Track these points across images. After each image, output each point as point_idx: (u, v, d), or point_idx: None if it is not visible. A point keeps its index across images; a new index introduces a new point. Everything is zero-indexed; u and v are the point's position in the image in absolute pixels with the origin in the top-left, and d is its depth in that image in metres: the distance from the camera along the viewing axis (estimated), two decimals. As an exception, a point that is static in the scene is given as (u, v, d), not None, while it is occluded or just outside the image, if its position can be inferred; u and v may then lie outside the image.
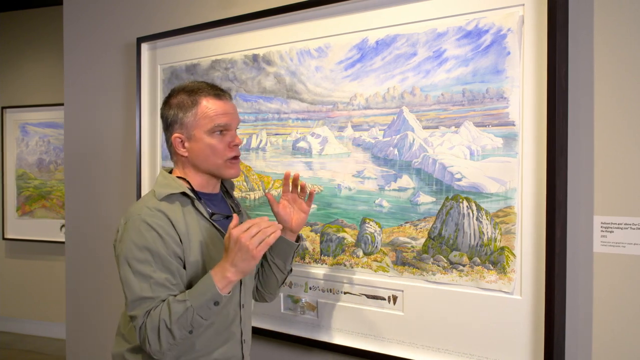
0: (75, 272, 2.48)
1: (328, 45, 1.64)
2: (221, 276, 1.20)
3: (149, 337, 1.21)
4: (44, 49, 4.59)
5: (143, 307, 1.22)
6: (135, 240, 1.25)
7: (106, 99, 2.35)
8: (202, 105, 1.31)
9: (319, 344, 1.66)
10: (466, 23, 1.39)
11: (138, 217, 1.26)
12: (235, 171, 1.36)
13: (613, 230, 1.25)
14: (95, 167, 2.39)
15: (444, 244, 1.43)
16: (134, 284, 1.23)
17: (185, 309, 1.19)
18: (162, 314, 1.20)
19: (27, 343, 4.54)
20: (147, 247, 1.24)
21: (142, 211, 1.27)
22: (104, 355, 2.40)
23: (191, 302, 1.19)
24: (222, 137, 1.32)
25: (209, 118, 1.30)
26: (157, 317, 1.20)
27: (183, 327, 1.20)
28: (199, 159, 1.33)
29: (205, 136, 1.31)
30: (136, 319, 1.23)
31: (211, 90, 1.33)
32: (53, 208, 4.60)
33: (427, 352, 1.47)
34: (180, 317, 1.19)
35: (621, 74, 1.24)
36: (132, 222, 1.27)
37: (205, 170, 1.34)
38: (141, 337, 1.23)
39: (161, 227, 1.25)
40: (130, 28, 2.25)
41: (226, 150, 1.32)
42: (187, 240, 1.28)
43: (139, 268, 1.23)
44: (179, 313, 1.19)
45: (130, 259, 1.24)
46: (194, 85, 1.35)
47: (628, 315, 1.24)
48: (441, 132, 1.44)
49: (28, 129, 4.67)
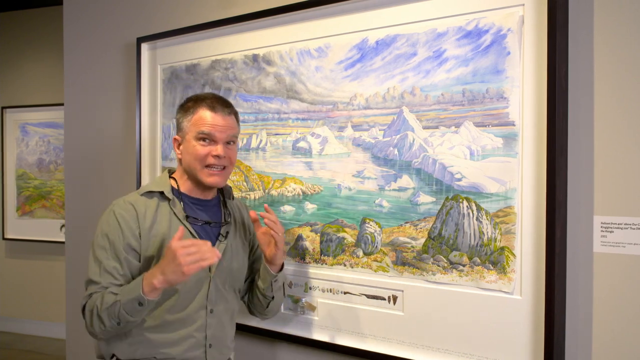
0: (75, 272, 2.48)
1: (328, 45, 1.64)
2: (149, 281, 1.26)
3: (86, 317, 1.33)
4: (44, 49, 4.59)
5: (89, 290, 1.34)
6: (102, 226, 1.38)
7: (106, 99, 2.35)
8: (199, 113, 1.41)
9: (319, 344, 1.66)
10: (466, 23, 1.39)
11: (112, 207, 1.40)
12: (213, 180, 1.40)
13: (613, 230, 1.25)
14: (95, 167, 2.39)
15: (444, 244, 1.43)
16: (90, 266, 1.36)
17: (113, 302, 1.28)
18: (97, 301, 1.30)
19: (27, 343, 4.54)
20: (107, 234, 1.36)
21: (118, 202, 1.41)
22: (104, 355, 2.40)
23: (120, 297, 1.28)
24: (205, 145, 1.39)
25: (197, 125, 1.40)
26: (93, 302, 1.31)
27: (111, 317, 1.28)
28: (186, 162, 1.42)
29: (193, 141, 1.40)
30: (82, 299, 1.35)
31: (212, 103, 1.41)
32: (53, 208, 4.60)
33: (427, 352, 1.47)
34: (108, 307, 1.28)
35: (621, 74, 1.24)
36: (107, 211, 1.41)
37: (191, 173, 1.43)
38: (83, 318, 1.35)
39: (123, 219, 1.36)
40: (130, 28, 2.25)
41: (205, 157, 1.39)
42: (148, 236, 1.37)
43: (97, 253, 1.36)
44: (108, 303, 1.28)
45: (94, 243, 1.37)
46: (204, 95, 1.45)
47: (628, 315, 1.24)
48: (441, 132, 1.44)
49: (28, 129, 4.67)
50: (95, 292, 1.32)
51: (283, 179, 1.77)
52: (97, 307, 1.29)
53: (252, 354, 1.84)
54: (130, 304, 1.26)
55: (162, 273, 1.24)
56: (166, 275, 1.24)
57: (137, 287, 1.27)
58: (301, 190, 1.72)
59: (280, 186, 1.77)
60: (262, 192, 1.82)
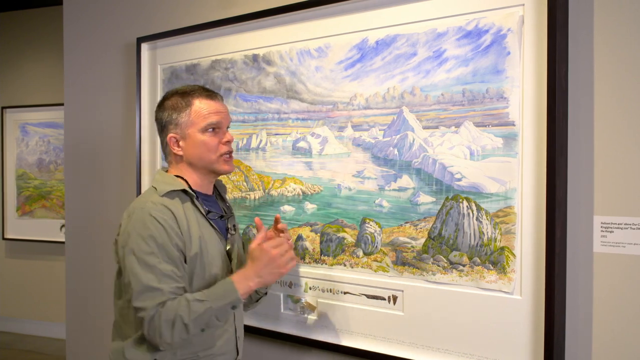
0: (75, 272, 2.48)
1: (328, 45, 1.64)
2: (244, 284, 1.28)
3: (162, 329, 1.23)
4: (44, 49, 4.59)
5: (153, 299, 1.24)
6: (141, 232, 1.28)
7: (106, 99, 2.35)
8: (196, 105, 1.37)
9: (319, 344, 1.66)
10: (466, 23, 1.39)
11: (143, 210, 1.30)
12: (230, 166, 1.42)
13: (613, 230, 1.25)
14: (95, 167, 2.39)
15: (444, 244, 1.43)
16: (141, 274, 1.25)
17: (205, 310, 1.24)
18: (179, 310, 1.24)
19: (27, 343, 4.54)
20: (153, 238, 1.27)
21: (147, 205, 1.31)
22: (104, 355, 2.40)
23: (211, 303, 1.25)
24: (214, 135, 1.38)
25: (202, 117, 1.36)
26: (173, 311, 1.24)
27: (199, 325, 1.25)
28: (194, 157, 1.38)
29: (199, 134, 1.36)
30: (145, 310, 1.24)
31: (203, 92, 1.40)
32: (53, 208, 4.60)
33: (427, 352, 1.47)
34: (198, 316, 1.24)
35: (621, 74, 1.24)
36: (137, 215, 1.30)
37: (201, 167, 1.39)
38: (151, 329, 1.25)
39: (165, 221, 1.29)
40: (130, 28, 2.25)
41: (219, 146, 1.38)
42: (188, 235, 1.33)
43: (145, 259, 1.26)
44: (198, 312, 1.24)
45: (136, 251, 1.27)
46: (187, 87, 1.41)
47: (628, 315, 1.24)
48: (441, 132, 1.44)
49: (28, 129, 4.67)
50: (165, 301, 1.25)
51: (283, 179, 1.77)
52: (181, 317, 1.23)
53: (251, 354, 1.84)
54: (224, 309, 1.28)
55: (257, 275, 1.29)
56: (263, 278, 1.30)
57: (230, 292, 1.27)
58: (301, 190, 1.72)
59: (280, 186, 1.77)
60: (262, 192, 1.82)
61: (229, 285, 1.29)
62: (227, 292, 1.28)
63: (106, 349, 2.37)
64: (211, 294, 1.28)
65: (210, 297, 1.27)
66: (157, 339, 1.25)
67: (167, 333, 1.24)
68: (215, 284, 1.32)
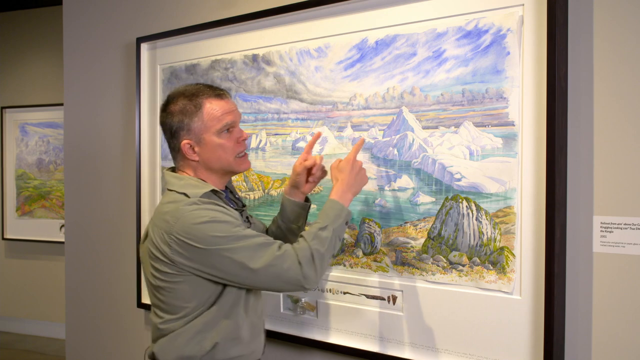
0: (75, 272, 2.48)
1: (328, 45, 1.64)
2: (345, 198, 1.33)
3: (305, 269, 1.22)
4: (44, 49, 4.59)
5: (270, 247, 1.23)
6: (209, 230, 1.22)
7: (106, 99, 2.35)
8: (207, 107, 1.32)
9: (319, 344, 1.66)
10: (466, 23, 1.39)
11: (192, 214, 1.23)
12: (247, 164, 1.40)
13: (613, 230, 1.25)
14: (95, 167, 2.39)
15: (444, 244, 1.43)
16: (246, 246, 1.22)
17: (332, 234, 1.27)
18: (312, 244, 1.25)
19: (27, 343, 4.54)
20: (226, 221, 1.24)
21: (190, 208, 1.24)
22: (104, 355, 2.40)
23: (333, 225, 1.28)
24: (229, 135, 1.34)
25: (216, 119, 1.32)
26: (306, 249, 1.24)
27: (331, 251, 1.28)
28: (211, 161, 1.34)
29: (215, 137, 1.32)
30: (273, 265, 1.21)
31: (211, 91, 1.34)
32: (53, 208, 4.60)
33: (426, 352, 1.46)
34: (329, 241, 1.26)
35: (621, 74, 1.24)
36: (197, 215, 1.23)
37: (219, 169, 1.36)
38: (291, 272, 1.22)
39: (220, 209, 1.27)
40: (130, 28, 2.25)
41: (235, 146, 1.35)
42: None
43: (233, 237, 1.22)
44: (328, 237, 1.26)
45: (220, 242, 1.22)
46: (193, 88, 1.35)
47: (628, 315, 1.24)
48: (441, 132, 1.44)
49: (28, 129, 4.67)
50: (281, 244, 1.25)
51: (283, 179, 1.77)
52: (317, 250, 1.24)
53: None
54: (342, 227, 1.31)
55: (351, 186, 1.34)
56: (355, 187, 1.36)
57: (339, 210, 1.30)
58: (301, 190, 1.72)
59: (280, 186, 1.77)
60: (261, 192, 1.82)
61: (334, 204, 1.31)
62: (337, 210, 1.30)
63: (106, 348, 2.37)
64: (327, 219, 1.29)
65: (328, 221, 1.28)
66: (300, 281, 1.23)
67: (310, 271, 1.23)
68: (322, 208, 1.33)
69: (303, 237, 1.28)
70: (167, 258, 1.26)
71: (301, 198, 1.51)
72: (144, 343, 2.24)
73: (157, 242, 1.27)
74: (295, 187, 1.50)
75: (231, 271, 1.23)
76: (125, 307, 2.28)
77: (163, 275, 1.29)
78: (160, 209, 1.31)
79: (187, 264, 1.25)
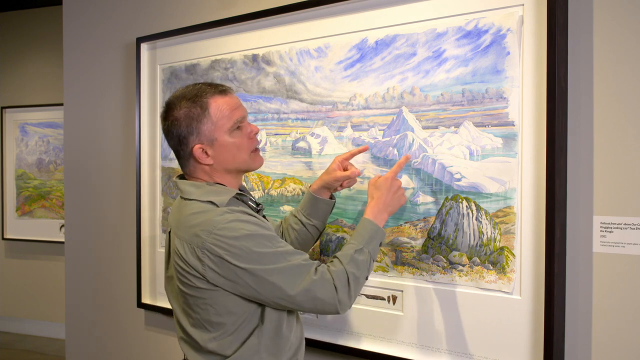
0: (75, 272, 2.48)
1: (328, 45, 1.64)
2: (380, 218, 1.30)
3: (340, 295, 1.18)
4: (44, 49, 4.59)
5: (307, 269, 1.18)
6: (248, 246, 1.15)
7: (106, 99, 2.35)
8: (213, 106, 1.24)
9: (319, 344, 1.66)
10: (466, 23, 1.39)
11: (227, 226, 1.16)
12: (261, 160, 1.35)
13: (613, 230, 1.25)
14: (95, 167, 2.39)
15: (444, 244, 1.43)
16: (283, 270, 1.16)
17: (367, 256, 1.24)
18: (347, 268, 1.21)
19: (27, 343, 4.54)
20: (264, 235, 1.18)
21: (223, 219, 1.17)
22: (104, 356, 2.40)
23: (368, 248, 1.25)
24: (241, 132, 1.29)
25: (226, 117, 1.25)
26: (342, 272, 1.20)
27: (365, 273, 1.24)
28: (227, 161, 1.28)
29: (227, 137, 1.25)
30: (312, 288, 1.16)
31: (214, 89, 1.27)
32: (53, 208, 4.60)
33: (426, 352, 1.47)
34: (364, 264, 1.23)
35: (621, 74, 1.24)
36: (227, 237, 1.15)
37: (234, 169, 1.30)
38: (329, 300, 1.18)
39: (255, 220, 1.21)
40: (130, 28, 2.25)
41: (248, 143, 1.30)
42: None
43: (275, 251, 1.17)
44: (364, 260, 1.24)
45: (260, 261, 1.16)
46: (194, 89, 1.27)
47: (628, 315, 1.24)
48: (441, 132, 1.44)
49: (28, 129, 4.67)
50: (323, 265, 1.21)
51: (283, 179, 1.77)
52: (353, 273, 1.20)
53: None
54: (376, 248, 1.28)
55: (387, 205, 1.32)
56: (392, 206, 1.34)
57: (374, 231, 1.28)
58: (301, 191, 1.72)
59: (280, 186, 1.77)
60: (261, 192, 1.82)
61: (370, 224, 1.28)
62: (372, 232, 1.27)
63: (106, 348, 2.37)
64: (362, 240, 1.26)
65: (363, 242, 1.25)
66: (335, 306, 1.18)
67: (345, 295, 1.19)
68: (356, 228, 1.30)
69: (338, 259, 1.23)
70: (198, 272, 1.18)
71: (327, 196, 1.50)
72: (144, 343, 2.24)
73: (186, 256, 1.19)
74: (327, 188, 1.48)
75: (267, 293, 1.17)
76: (125, 307, 2.29)
77: (195, 291, 1.21)
78: (185, 222, 1.22)
79: (220, 280, 1.18)
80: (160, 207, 2.11)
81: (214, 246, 1.15)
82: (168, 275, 1.35)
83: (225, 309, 1.21)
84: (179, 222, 1.24)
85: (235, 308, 1.21)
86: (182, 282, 1.23)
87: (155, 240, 2.13)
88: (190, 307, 1.24)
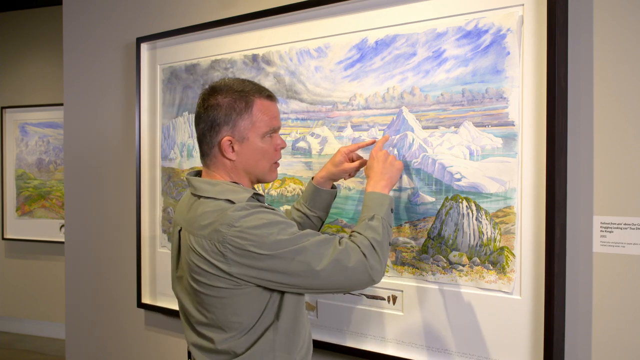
0: (75, 272, 2.48)
1: (328, 45, 1.64)
2: (380, 186, 1.33)
3: (370, 261, 1.18)
4: (44, 49, 4.59)
5: (331, 242, 1.17)
6: (270, 233, 1.14)
7: (106, 99, 2.35)
8: (257, 107, 1.24)
9: (319, 344, 1.66)
10: (466, 23, 1.39)
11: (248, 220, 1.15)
12: (276, 175, 1.35)
13: (613, 230, 1.25)
14: (95, 167, 2.39)
15: (444, 244, 1.43)
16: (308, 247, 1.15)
17: (380, 222, 1.25)
18: (367, 235, 1.22)
19: (27, 343, 4.54)
20: (285, 222, 1.17)
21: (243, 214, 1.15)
22: (104, 356, 2.40)
23: (381, 214, 1.27)
24: (271, 141, 1.28)
25: (265, 121, 1.24)
26: (364, 239, 1.21)
27: (387, 238, 1.25)
28: (249, 164, 1.26)
29: (258, 140, 1.25)
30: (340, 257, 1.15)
31: (262, 92, 1.27)
32: (53, 208, 4.60)
33: (426, 352, 1.47)
34: (383, 229, 1.24)
35: (621, 74, 1.24)
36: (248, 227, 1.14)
37: (252, 174, 1.29)
38: (360, 267, 1.17)
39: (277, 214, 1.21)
40: (130, 28, 2.25)
41: (274, 153, 1.30)
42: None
43: (296, 233, 1.16)
44: (380, 226, 1.24)
45: (284, 244, 1.14)
46: (240, 84, 1.26)
47: (628, 315, 1.24)
48: (441, 132, 1.44)
49: (28, 129, 4.68)
50: (347, 237, 1.22)
51: (282, 179, 1.77)
52: (374, 239, 1.21)
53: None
54: (389, 214, 1.29)
55: (382, 174, 1.35)
56: (388, 174, 1.36)
57: (379, 198, 1.30)
58: (300, 190, 1.72)
59: (280, 186, 1.77)
60: (261, 192, 1.82)
61: (371, 194, 1.31)
62: (377, 199, 1.29)
63: (105, 349, 2.37)
64: (370, 210, 1.28)
65: (372, 211, 1.27)
66: (367, 274, 1.17)
67: (375, 261, 1.18)
68: (363, 204, 1.33)
69: (355, 231, 1.24)
70: (222, 272, 1.16)
71: (329, 187, 1.53)
72: (144, 343, 2.24)
73: (206, 254, 1.16)
74: (332, 179, 1.52)
75: (296, 274, 1.15)
76: (125, 307, 2.29)
77: (213, 290, 1.19)
78: (202, 220, 1.19)
79: (247, 273, 1.15)
80: (160, 207, 2.11)
81: (236, 238, 1.13)
82: (178, 275, 1.33)
83: (243, 308, 1.19)
84: (193, 220, 1.22)
85: (253, 306, 1.20)
86: (198, 281, 1.20)
87: (155, 240, 2.13)
88: (205, 306, 1.22)
